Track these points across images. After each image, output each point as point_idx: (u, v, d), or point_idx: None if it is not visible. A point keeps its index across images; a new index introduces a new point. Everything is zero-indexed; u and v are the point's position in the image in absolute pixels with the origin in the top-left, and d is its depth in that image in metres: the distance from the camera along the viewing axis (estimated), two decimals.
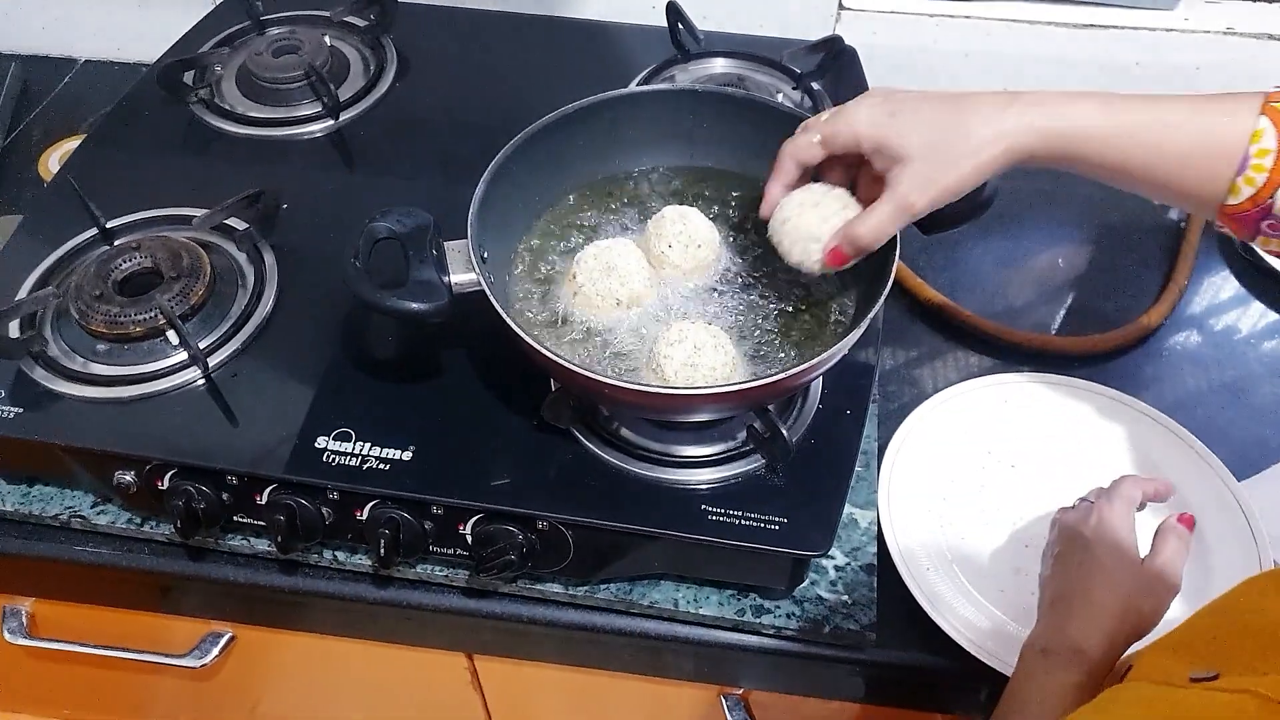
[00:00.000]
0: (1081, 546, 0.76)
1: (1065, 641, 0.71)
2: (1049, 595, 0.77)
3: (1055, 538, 0.80)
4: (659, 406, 0.78)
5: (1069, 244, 1.19)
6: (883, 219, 0.74)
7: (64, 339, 0.90)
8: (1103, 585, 0.74)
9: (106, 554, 0.90)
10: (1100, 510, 0.78)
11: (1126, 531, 0.77)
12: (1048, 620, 0.74)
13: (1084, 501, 0.82)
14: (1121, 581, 0.74)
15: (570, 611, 0.87)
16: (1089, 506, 0.79)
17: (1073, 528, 0.78)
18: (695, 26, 1.14)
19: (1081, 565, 0.75)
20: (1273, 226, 0.70)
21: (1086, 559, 0.75)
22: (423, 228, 0.79)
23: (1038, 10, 1.23)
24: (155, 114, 1.11)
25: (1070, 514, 0.81)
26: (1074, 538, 0.77)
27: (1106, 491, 0.81)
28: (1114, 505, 0.78)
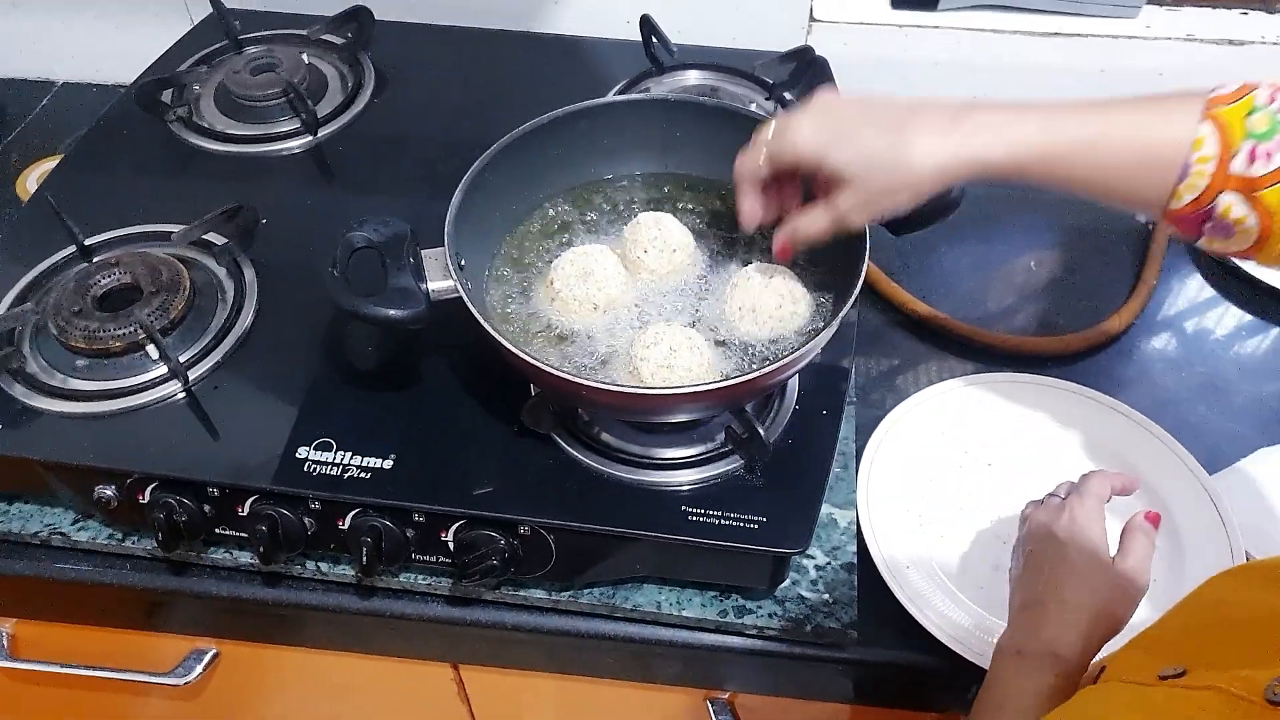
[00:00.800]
0: (1054, 546, 0.76)
1: (1040, 645, 0.71)
2: (1022, 595, 0.76)
3: (1026, 535, 0.80)
4: (637, 407, 0.79)
5: (1040, 246, 1.21)
6: (821, 223, 0.76)
7: (43, 355, 0.90)
8: (1077, 587, 0.74)
9: (88, 571, 0.90)
10: (1072, 509, 0.78)
11: (1098, 531, 0.77)
12: (1022, 622, 0.74)
13: (1053, 497, 0.82)
14: (1095, 583, 0.74)
15: (554, 617, 0.87)
16: (1059, 504, 0.79)
17: (1044, 526, 0.78)
18: (669, 39, 1.15)
19: (1054, 566, 0.75)
20: (1214, 229, 0.71)
21: (1059, 560, 0.75)
22: (400, 236, 0.80)
23: (1004, 20, 1.25)
24: (134, 133, 1.12)
25: (1041, 511, 0.80)
26: (1046, 537, 0.77)
27: (1076, 488, 0.81)
28: (1085, 503, 0.78)
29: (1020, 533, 0.82)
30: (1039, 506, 0.81)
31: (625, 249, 0.87)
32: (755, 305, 0.82)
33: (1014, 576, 0.79)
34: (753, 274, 0.84)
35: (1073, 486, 0.81)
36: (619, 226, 0.91)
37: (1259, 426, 1.02)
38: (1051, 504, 0.80)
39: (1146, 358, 1.09)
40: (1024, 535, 0.80)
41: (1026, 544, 0.79)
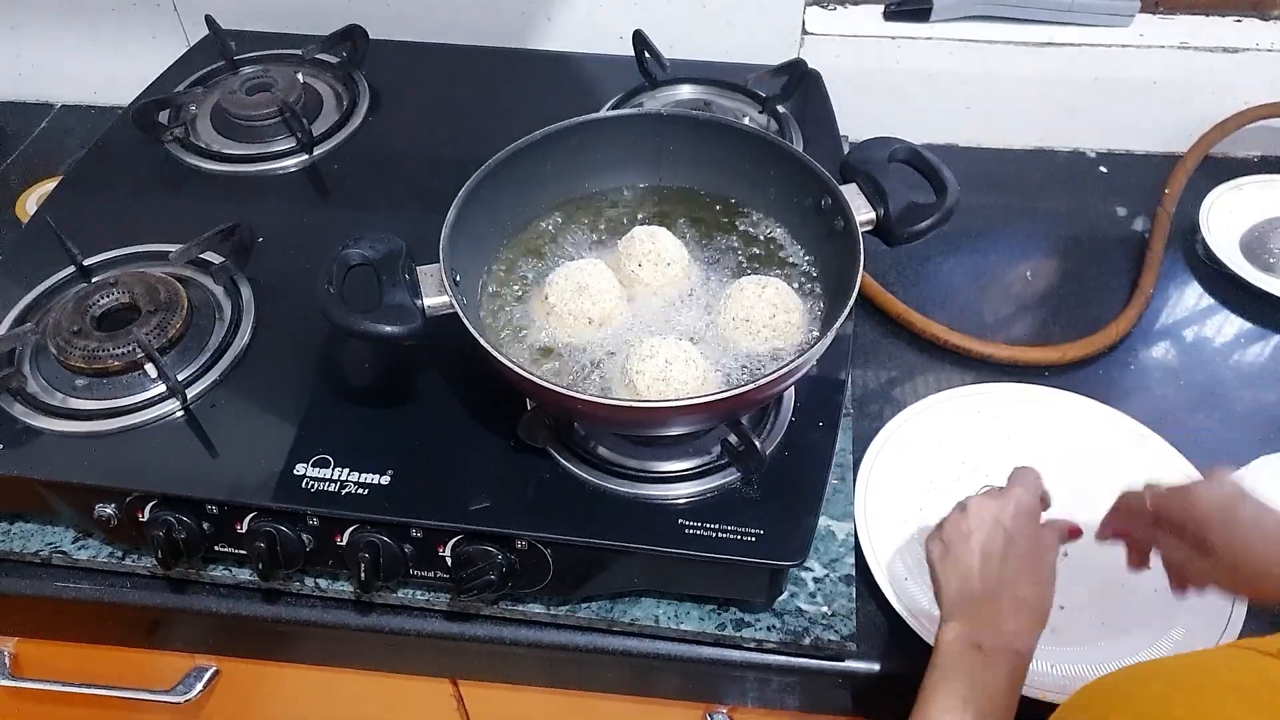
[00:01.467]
0: (1005, 539, 0.77)
1: (1002, 641, 0.72)
2: (970, 585, 0.76)
3: (969, 525, 0.79)
4: (633, 420, 0.79)
5: (1036, 257, 1.21)
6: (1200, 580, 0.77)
7: (43, 375, 0.90)
8: (1031, 583, 0.75)
9: (88, 589, 0.90)
10: (1016, 500, 0.79)
11: (1039, 525, 0.79)
12: (976, 614, 0.74)
13: (989, 487, 0.83)
14: (1043, 578, 0.76)
15: (552, 632, 0.87)
16: (1003, 494, 0.80)
17: (991, 517, 0.78)
18: (661, 54, 1.16)
19: (1006, 559, 0.76)
20: None
21: (1010, 552, 0.76)
22: (395, 253, 0.80)
23: (996, 30, 1.25)
24: (131, 154, 1.13)
25: (984, 502, 0.80)
26: (994, 526, 0.77)
27: (1018, 480, 0.82)
28: (1029, 496, 0.80)
29: (958, 520, 0.80)
30: (980, 497, 0.81)
31: (620, 263, 0.88)
32: (749, 316, 0.82)
33: (952, 562, 0.78)
34: (746, 286, 0.84)
35: (1014, 478, 0.83)
36: (613, 241, 0.91)
37: (1258, 435, 1.02)
38: (993, 493, 0.81)
39: (1144, 366, 1.09)
40: (966, 525, 0.79)
41: (973, 533, 0.78)
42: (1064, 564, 0.89)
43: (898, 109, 1.30)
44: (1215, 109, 1.27)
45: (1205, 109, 1.28)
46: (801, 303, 0.85)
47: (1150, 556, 0.82)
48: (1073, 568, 0.90)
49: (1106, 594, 0.88)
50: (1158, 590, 0.88)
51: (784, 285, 0.85)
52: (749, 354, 0.83)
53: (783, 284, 0.85)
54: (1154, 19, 1.28)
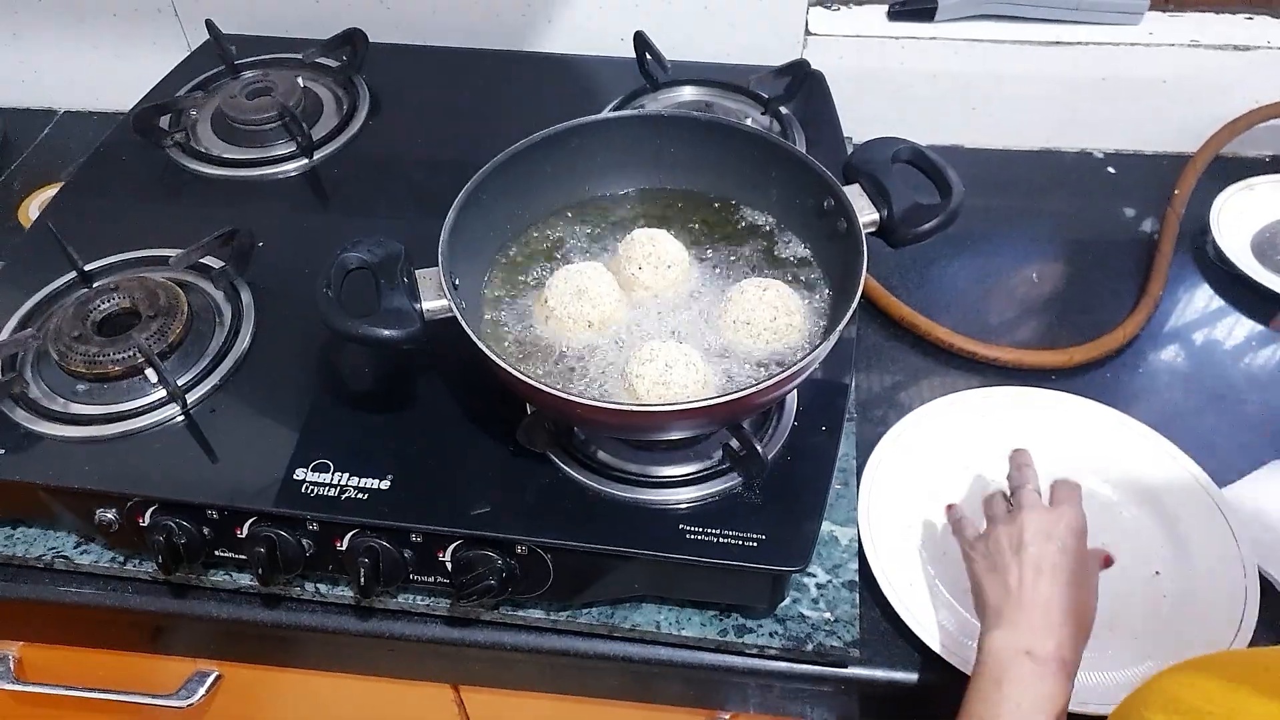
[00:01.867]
0: (1057, 553, 0.76)
1: (1053, 650, 0.71)
2: (1027, 596, 0.74)
3: (1023, 537, 0.77)
4: (633, 425, 0.78)
5: (1042, 259, 1.20)
6: None
7: (44, 380, 0.90)
8: (1085, 596, 0.75)
9: (90, 594, 0.90)
10: (1066, 515, 0.78)
11: (1085, 543, 0.78)
12: (1029, 622, 0.73)
13: (1028, 488, 0.82)
14: (1094, 590, 0.76)
15: (553, 637, 0.87)
16: (1053, 510, 0.79)
17: (1044, 530, 0.77)
18: (663, 56, 1.15)
19: (1058, 573, 0.75)
20: None
21: (1063, 565, 0.75)
22: (394, 256, 0.80)
23: (1002, 30, 1.24)
24: (132, 159, 1.13)
25: (1035, 516, 0.79)
26: (1047, 540, 0.76)
27: (1065, 497, 0.80)
28: (1079, 514, 0.79)
29: (1004, 532, 0.79)
30: (1030, 508, 0.80)
31: (620, 266, 0.87)
32: (751, 319, 0.81)
33: (1001, 573, 0.77)
34: (748, 288, 0.83)
35: (1062, 488, 0.82)
36: (613, 243, 0.91)
37: (1269, 439, 1.00)
38: (1038, 505, 0.80)
39: (1153, 369, 1.08)
40: (1016, 536, 0.78)
41: (1026, 546, 0.76)
42: None
43: (902, 110, 1.29)
44: (1225, 108, 1.26)
45: (1215, 108, 1.26)
46: (803, 305, 0.85)
47: None
48: None
49: (1117, 598, 0.87)
50: (1167, 595, 0.87)
51: (785, 287, 0.84)
52: (750, 357, 0.82)
53: (784, 286, 0.84)
54: (1163, 17, 1.26)
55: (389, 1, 1.29)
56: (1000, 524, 0.80)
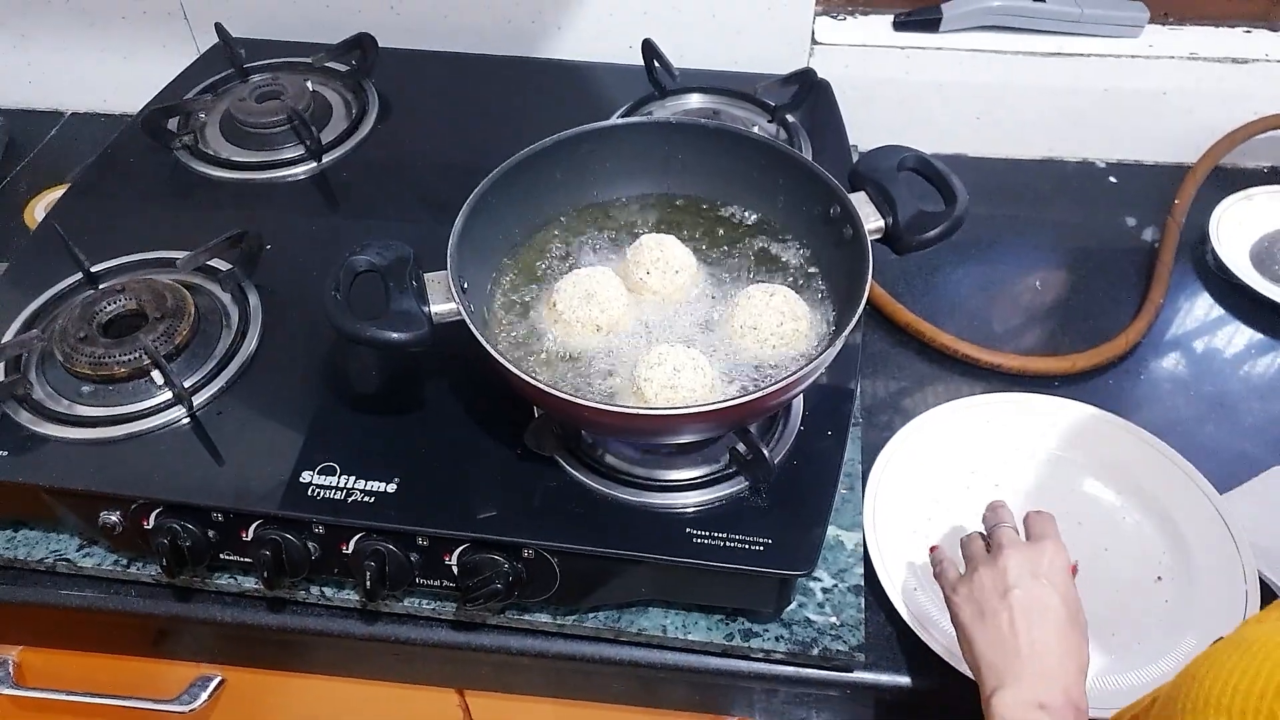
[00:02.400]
0: (1044, 594, 0.73)
1: (1063, 698, 0.68)
2: (1022, 645, 0.71)
3: (1006, 581, 0.74)
4: (641, 429, 0.78)
5: (1045, 267, 1.21)
6: None
7: (49, 381, 0.90)
8: (1080, 632, 0.72)
9: (93, 597, 0.90)
10: (1048, 552, 0.75)
11: (1070, 576, 0.75)
12: (1032, 674, 0.70)
13: (1004, 527, 0.79)
14: (1083, 627, 0.73)
15: (559, 641, 0.87)
16: (1033, 546, 0.76)
17: (1028, 571, 0.74)
18: (671, 63, 1.16)
19: (1048, 615, 0.72)
20: None
21: (1052, 606, 0.72)
22: (403, 259, 0.80)
23: (1007, 41, 1.25)
24: (140, 161, 1.13)
25: (1016, 555, 0.75)
26: (1032, 582, 0.73)
27: (1043, 530, 0.78)
28: (1059, 547, 0.76)
29: (986, 576, 0.76)
30: (1011, 545, 0.77)
31: (628, 270, 0.87)
32: (758, 324, 0.82)
33: (990, 623, 0.73)
34: (755, 293, 0.84)
35: (1036, 522, 0.79)
36: (621, 248, 0.91)
37: (1269, 445, 1.01)
38: (1019, 543, 0.77)
39: (1155, 377, 1.08)
40: (1000, 580, 0.74)
41: (1011, 589, 0.73)
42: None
43: (907, 119, 1.30)
44: (1225, 119, 1.27)
45: (1214, 119, 1.27)
46: (810, 311, 0.85)
47: None
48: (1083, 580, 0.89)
49: (1119, 604, 0.87)
50: (1168, 601, 0.87)
51: (792, 293, 0.84)
52: (757, 362, 0.83)
53: (791, 292, 0.84)
54: (1163, 30, 1.27)
55: (398, 6, 1.29)
56: (982, 565, 0.77)
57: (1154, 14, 1.26)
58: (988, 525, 0.81)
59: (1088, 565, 0.89)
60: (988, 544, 0.80)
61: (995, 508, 0.82)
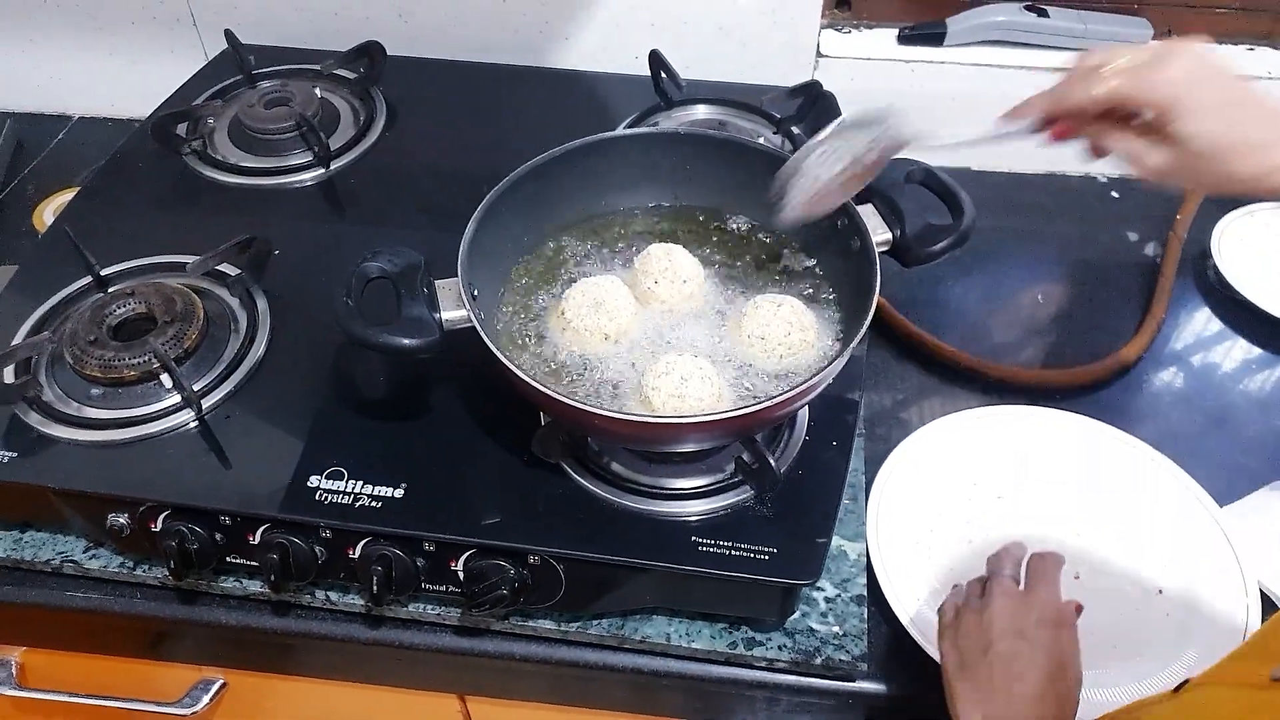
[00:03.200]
0: (1026, 647, 0.71)
1: None
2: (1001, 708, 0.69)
3: (990, 635, 0.72)
4: (648, 436, 0.79)
5: (1048, 280, 1.21)
6: (1143, 163, 0.69)
7: (58, 383, 0.91)
8: (1065, 685, 0.71)
9: (98, 599, 0.90)
10: (1041, 607, 0.74)
11: (1063, 629, 0.73)
12: None
13: (1001, 575, 0.77)
14: (1073, 679, 0.72)
15: (563, 648, 0.87)
16: (1026, 596, 0.75)
17: (1014, 626, 0.72)
18: (678, 74, 1.16)
19: (1032, 668, 0.70)
20: None
21: (1039, 659, 0.71)
22: (414, 267, 0.81)
23: (1010, 55, 1.26)
24: (149, 165, 1.14)
25: (1005, 606, 0.74)
26: (1016, 638, 0.72)
27: (1040, 576, 0.76)
28: (1053, 599, 0.75)
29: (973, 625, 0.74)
30: (1000, 596, 0.75)
31: (636, 280, 0.88)
32: (765, 334, 0.82)
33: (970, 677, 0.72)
34: (762, 304, 0.84)
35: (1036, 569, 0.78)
36: (629, 257, 0.92)
37: (1269, 459, 1.02)
38: (1010, 593, 0.75)
39: (1155, 390, 1.09)
40: (985, 634, 0.73)
41: (994, 644, 0.72)
42: (1077, 585, 0.89)
43: None
44: None
45: None
46: (817, 321, 0.86)
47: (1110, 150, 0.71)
48: (1086, 590, 0.90)
49: (1120, 617, 0.88)
50: (1169, 614, 0.88)
51: (800, 304, 0.85)
52: (764, 372, 0.83)
53: (798, 302, 0.85)
54: None
55: (407, 15, 1.30)
56: (969, 614, 0.75)
57: (1157, 30, 1.27)
58: (989, 569, 0.79)
59: (1088, 577, 0.90)
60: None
61: (1002, 552, 0.80)
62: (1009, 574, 0.78)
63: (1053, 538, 0.93)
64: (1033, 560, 0.78)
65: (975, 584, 0.79)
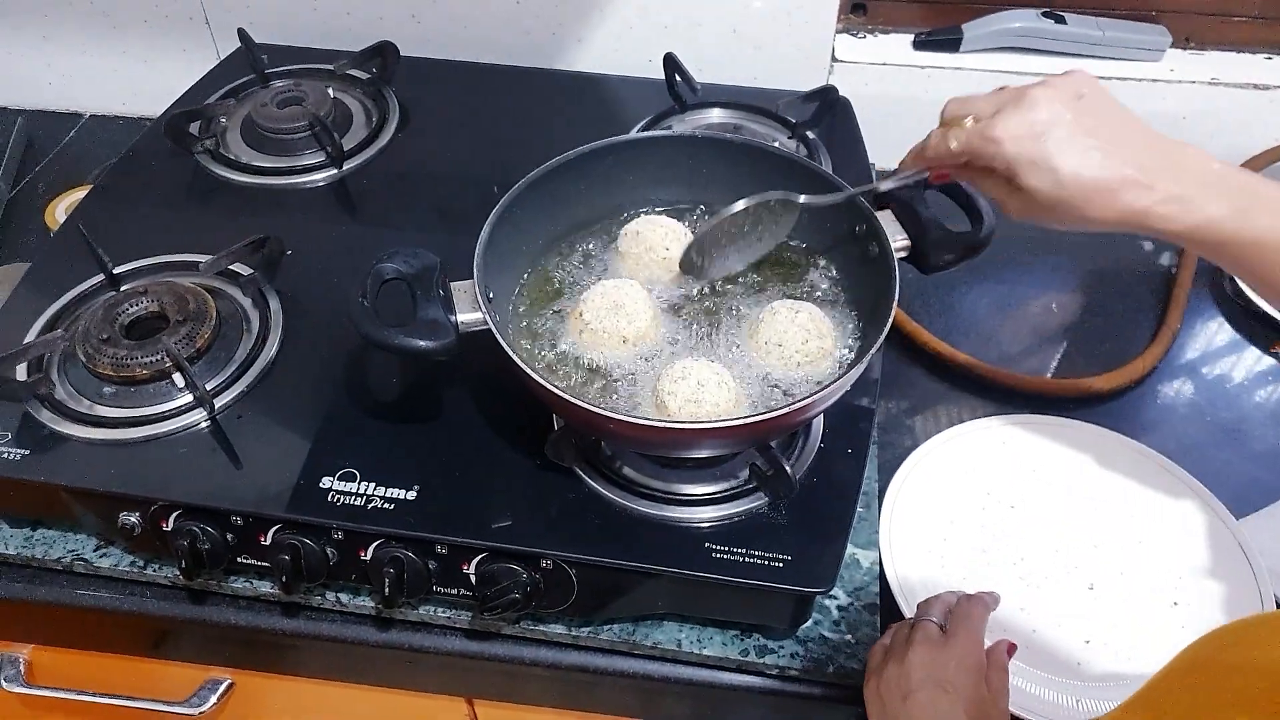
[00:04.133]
0: (943, 697, 0.71)
1: None
2: None
3: (909, 684, 0.72)
4: (663, 441, 0.79)
5: (1062, 289, 1.21)
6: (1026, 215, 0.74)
7: (71, 382, 0.90)
8: None
9: (108, 597, 0.90)
10: (960, 655, 0.73)
11: (983, 676, 0.73)
12: None
13: (925, 620, 0.77)
14: (1003, 713, 0.72)
15: (573, 653, 0.87)
16: (945, 645, 0.74)
17: (931, 676, 0.72)
18: (692, 78, 1.16)
19: (959, 706, 0.70)
20: None
21: (968, 697, 0.71)
22: (429, 268, 0.80)
23: (1026, 62, 1.26)
24: (161, 164, 1.13)
25: (923, 655, 0.74)
26: (934, 687, 0.71)
27: (961, 626, 0.76)
28: (972, 647, 0.74)
29: (894, 675, 0.74)
30: (919, 644, 0.75)
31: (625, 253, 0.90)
32: (782, 340, 0.82)
33: (897, 716, 0.72)
34: (779, 310, 0.84)
35: (959, 615, 0.77)
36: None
37: None
38: (929, 641, 0.75)
39: (1170, 401, 1.08)
40: (904, 682, 0.73)
41: (913, 693, 0.71)
42: (1089, 598, 0.89)
43: None
44: (1245, 145, 1.27)
45: (1235, 145, 1.27)
46: (833, 328, 0.85)
47: None
48: (1097, 602, 0.89)
49: (1130, 629, 0.87)
50: (1184, 626, 0.87)
51: (817, 310, 0.84)
52: (781, 378, 0.83)
53: (816, 309, 0.85)
54: (1184, 54, 1.28)
55: (420, 15, 1.30)
56: (892, 661, 0.75)
57: (1175, 38, 1.26)
58: (916, 614, 0.79)
59: (1102, 589, 0.89)
60: None
61: (933, 598, 0.80)
62: (933, 619, 0.77)
63: (1066, 548, 0.93)
64: (959, 604, 0.78)
65: (903, 627, 0.79)
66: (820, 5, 1.23)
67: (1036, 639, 0.87)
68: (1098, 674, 0.85)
